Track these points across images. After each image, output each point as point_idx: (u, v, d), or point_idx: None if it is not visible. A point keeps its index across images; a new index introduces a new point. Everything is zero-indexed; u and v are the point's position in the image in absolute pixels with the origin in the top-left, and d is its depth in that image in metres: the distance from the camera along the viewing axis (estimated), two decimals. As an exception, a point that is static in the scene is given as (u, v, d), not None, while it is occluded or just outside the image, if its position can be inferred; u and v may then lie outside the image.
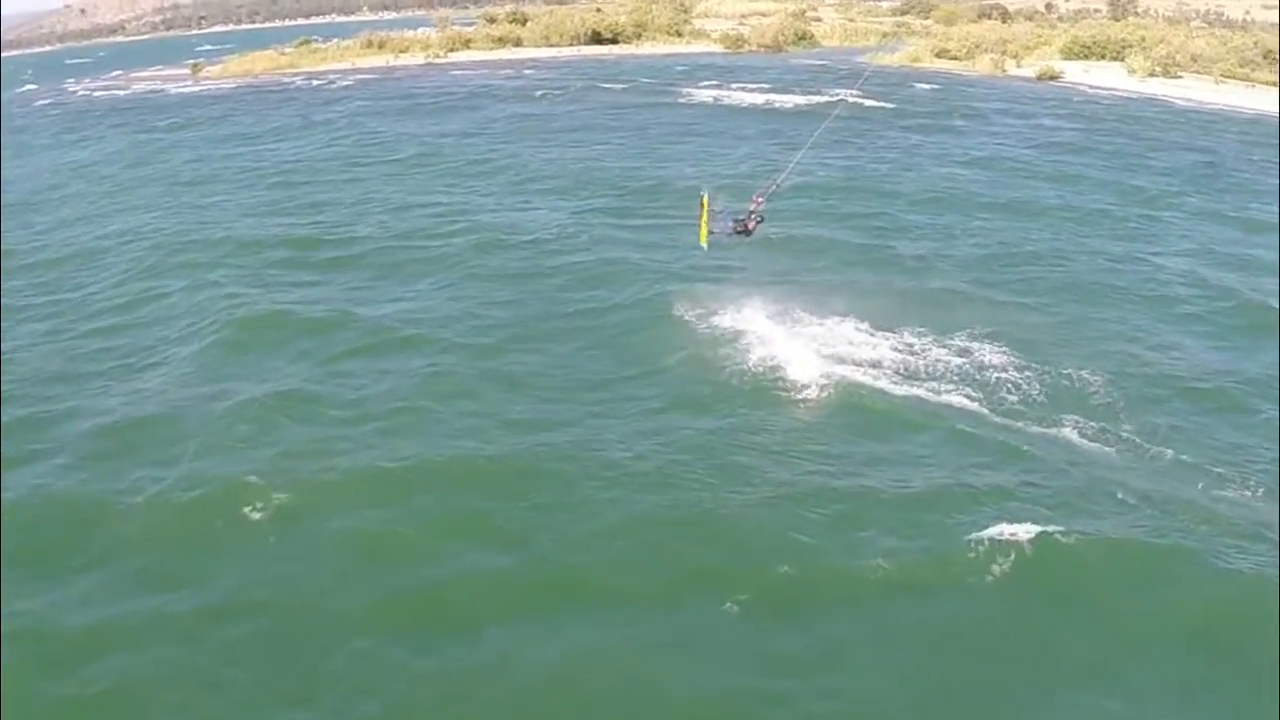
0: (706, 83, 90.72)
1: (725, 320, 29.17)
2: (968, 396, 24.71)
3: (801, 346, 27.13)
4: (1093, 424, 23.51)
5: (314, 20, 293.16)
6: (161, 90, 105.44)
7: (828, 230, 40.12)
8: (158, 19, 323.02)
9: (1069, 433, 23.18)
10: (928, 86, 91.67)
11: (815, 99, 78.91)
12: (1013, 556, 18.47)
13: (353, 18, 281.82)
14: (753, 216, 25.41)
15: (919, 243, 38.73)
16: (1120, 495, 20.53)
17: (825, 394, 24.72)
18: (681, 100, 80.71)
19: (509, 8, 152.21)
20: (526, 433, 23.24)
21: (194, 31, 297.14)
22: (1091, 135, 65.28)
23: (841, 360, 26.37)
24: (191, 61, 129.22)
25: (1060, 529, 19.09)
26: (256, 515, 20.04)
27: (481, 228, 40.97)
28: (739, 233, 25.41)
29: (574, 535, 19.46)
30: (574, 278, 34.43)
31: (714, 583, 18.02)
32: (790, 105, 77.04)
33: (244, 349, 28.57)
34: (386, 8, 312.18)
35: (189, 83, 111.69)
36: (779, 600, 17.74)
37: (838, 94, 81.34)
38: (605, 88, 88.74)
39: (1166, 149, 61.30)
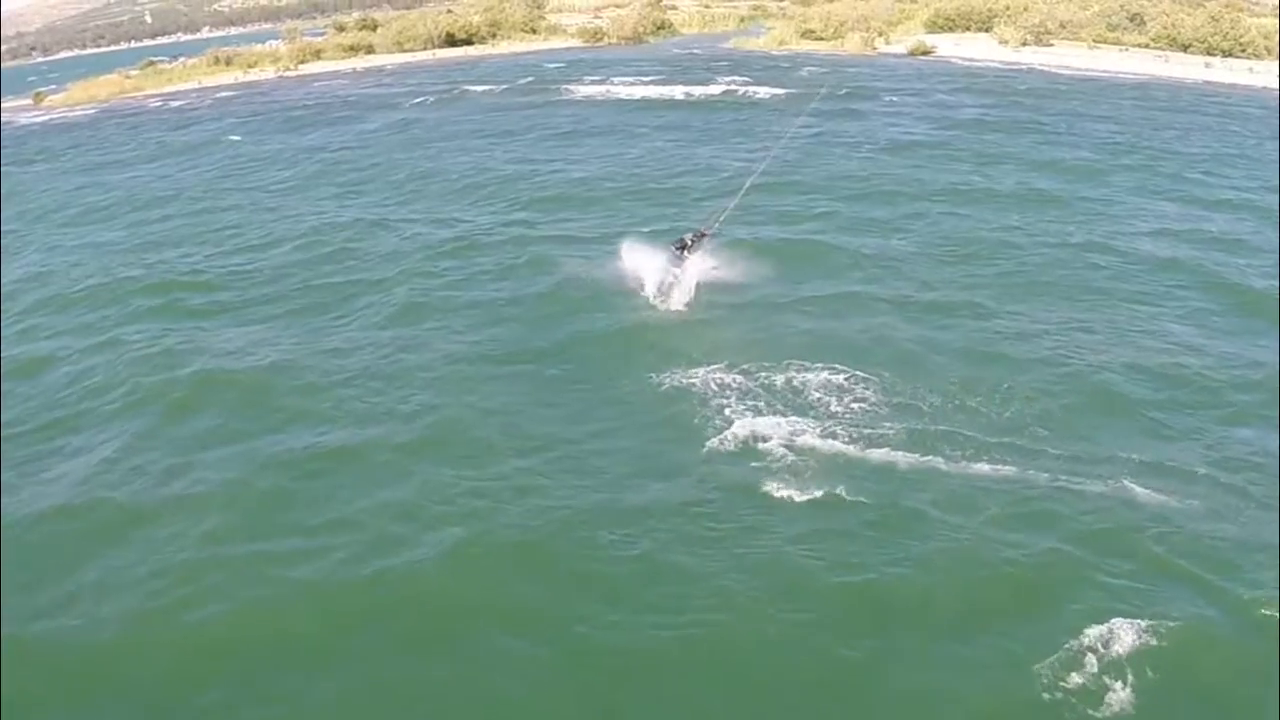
0: (588, 78, 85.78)
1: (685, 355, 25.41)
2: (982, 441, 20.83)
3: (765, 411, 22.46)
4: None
5: (160, 40, 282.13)
6: (11, 121, 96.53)
7: (763, 231, 35.84)
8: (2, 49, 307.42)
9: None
10: (805, 69, 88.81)
11: (703, 89, 75.90)
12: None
13: (198, 36, 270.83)
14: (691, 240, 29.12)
15: (861, 237, 34.95)
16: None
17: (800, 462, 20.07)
18: (565, 98, 75.68)
19: (357, 15, 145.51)
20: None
21: (39, 59, 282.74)
22: (993, 110, 63.05)
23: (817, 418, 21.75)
24: (34, 91, 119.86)
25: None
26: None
27: (403, 246, 36.38)
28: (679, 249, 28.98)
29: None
30: (515, 295, 30.50)
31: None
32: (681, 96, 73.11)
33: (177, 423, 23.22)
34: (232, 23, 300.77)
35: (38, 112, 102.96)
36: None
37: (726, 81, 79.15)
38: (480, 90, 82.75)
39: (1071, 120, 59.45)
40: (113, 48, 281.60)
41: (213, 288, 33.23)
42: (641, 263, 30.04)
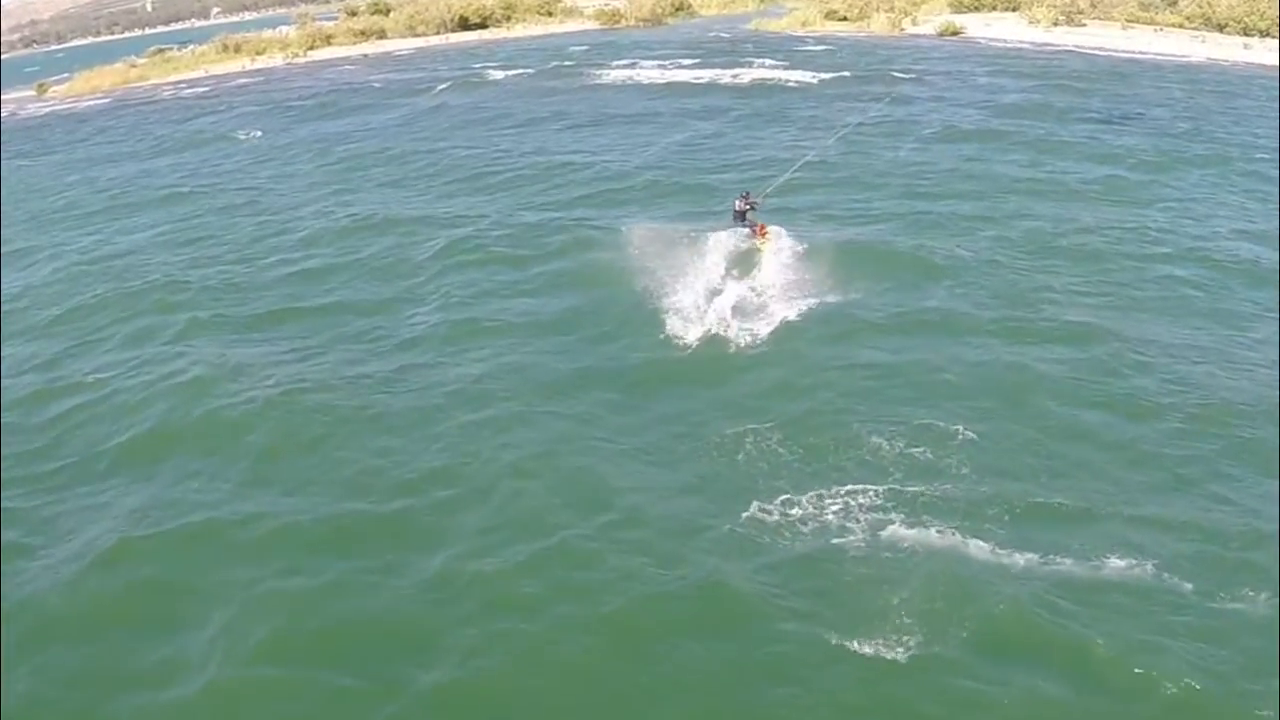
0: (612, 63, 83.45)
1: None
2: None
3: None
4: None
5: (173, 27, 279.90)
6: (12, 114, 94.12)
7: (821, 233, 32.89)
8: (15, 37, 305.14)
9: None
10: (834, 51, 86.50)
11: (731, 74, 73.45)
12: None
13: (210, 21, 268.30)
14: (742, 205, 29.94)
15: (929, 239, 32.27)
16: None
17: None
18: (591, 83, 73.55)
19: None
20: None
21: (54, 47, 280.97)
22: (1037, 94, 60.53)
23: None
24: (38, 82, 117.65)
25: None
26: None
27: (446, 248, 34.12)
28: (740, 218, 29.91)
29: None
30: (572, 309, 28.20)
31: None
32: (709, 81, 70.96)
33: (203, 464, 21.08)
34: (245, 8, 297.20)
35: (40, 104, 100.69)
36: None
37: (754, 65, 76.72)
38: (500, 75, 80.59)
39: (1122, 104, 57.12)
40: (126, 34, 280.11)
41: (244, 297, 31.18)
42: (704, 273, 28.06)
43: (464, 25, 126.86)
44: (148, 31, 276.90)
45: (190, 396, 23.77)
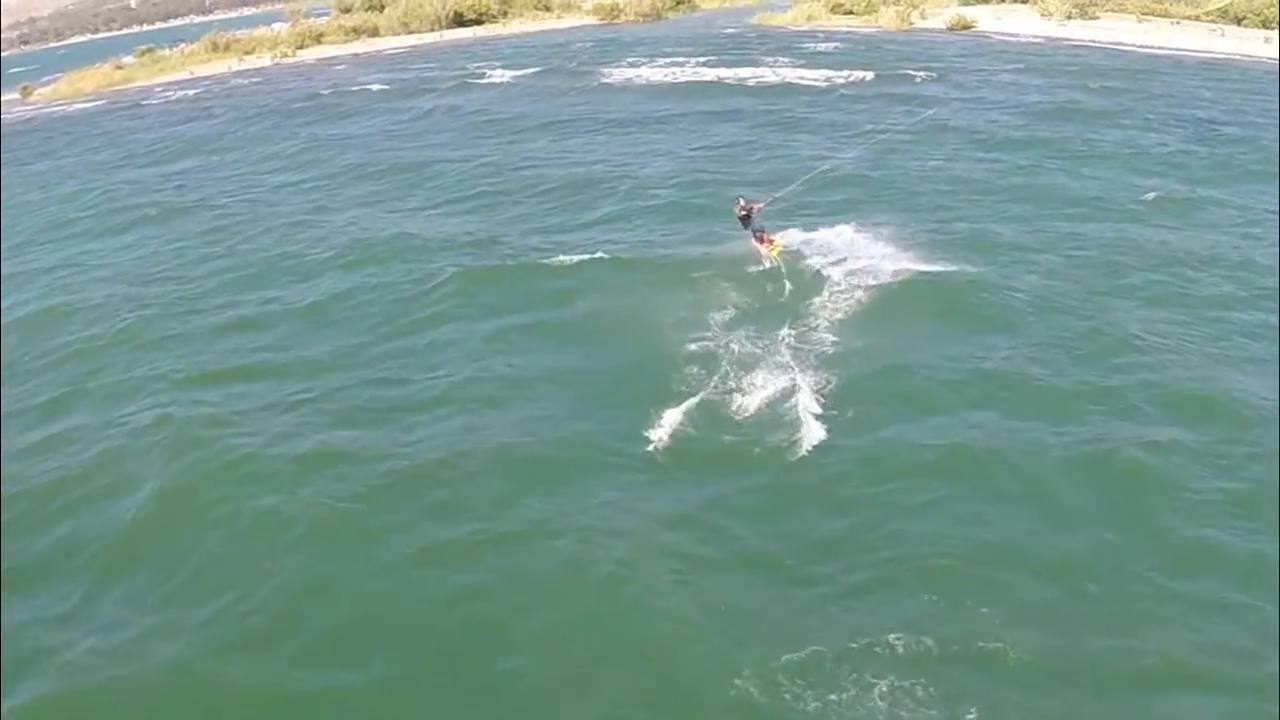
0: (614, 62, 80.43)
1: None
2: None
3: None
4: None
5: (171, 23, 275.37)
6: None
7: (861, 258, 29.79)
8: (14, 34, 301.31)
9: None
10: (844, 48, 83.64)
11: (738, 73, 70.73)
12: None
13: (209, 17, 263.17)
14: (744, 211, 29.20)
15: (984, 265, 29.04)
16: None
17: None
18: (600, 84, 70.67)
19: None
20: None
21: (53, 44, 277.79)
22: (1065, 94, 57.84)
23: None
24: (21, 85, 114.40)
25: None
26: None
27: (473, 272, 31.30)
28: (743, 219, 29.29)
29: None
30: (607, 365, 24.57)
31: None
32: (716, 79, 68.53)
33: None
34: (245, 3, 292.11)
35: (23, 108, 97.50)
36: None
37: (763, 63, 73.82)
38: (503, 76, 77.35)
39: (1156, 104, 54.46)
40: (124, 31, 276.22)
41: (239, 335, 28.40)
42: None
43: (459, 22, 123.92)
44: (145, 28, 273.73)
45: (162, 488, 20.41)
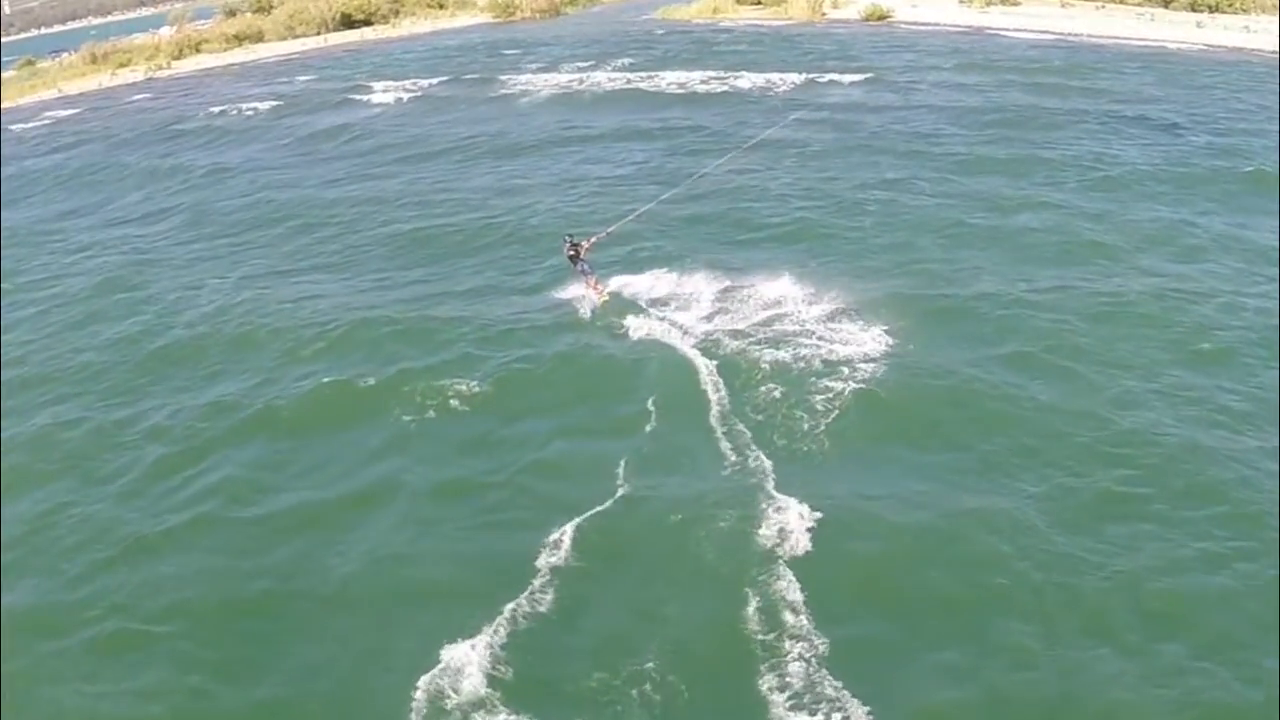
0: (516, 68, 74.16)
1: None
2: None
3: None
4: None
5: (70, 26, 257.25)
6: None
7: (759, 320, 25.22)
8: None
9: None
10: (757, 45, 77.82)
11: (665, 76, 64.79)
12: None
13: (109, 19, 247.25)
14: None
15: (965, 356, 23.63)
16: None
17: None
18: (495, 95, 64.22)
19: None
20: None
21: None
22: (1002, 93, 53.52)
23: None
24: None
25: None
26: None
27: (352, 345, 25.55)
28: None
29: None
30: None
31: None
32: (664, 88, 61.93)
33: None
34: (143, 4, 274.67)
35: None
36: None
37: (671, 65, 67.54)
38: (385, 91, 68.76)
39: (1106, 103, 50.25)
40: (21, 36, 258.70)
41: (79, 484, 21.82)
42: None
43: (347, 23, 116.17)
44: (44, 31, 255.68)
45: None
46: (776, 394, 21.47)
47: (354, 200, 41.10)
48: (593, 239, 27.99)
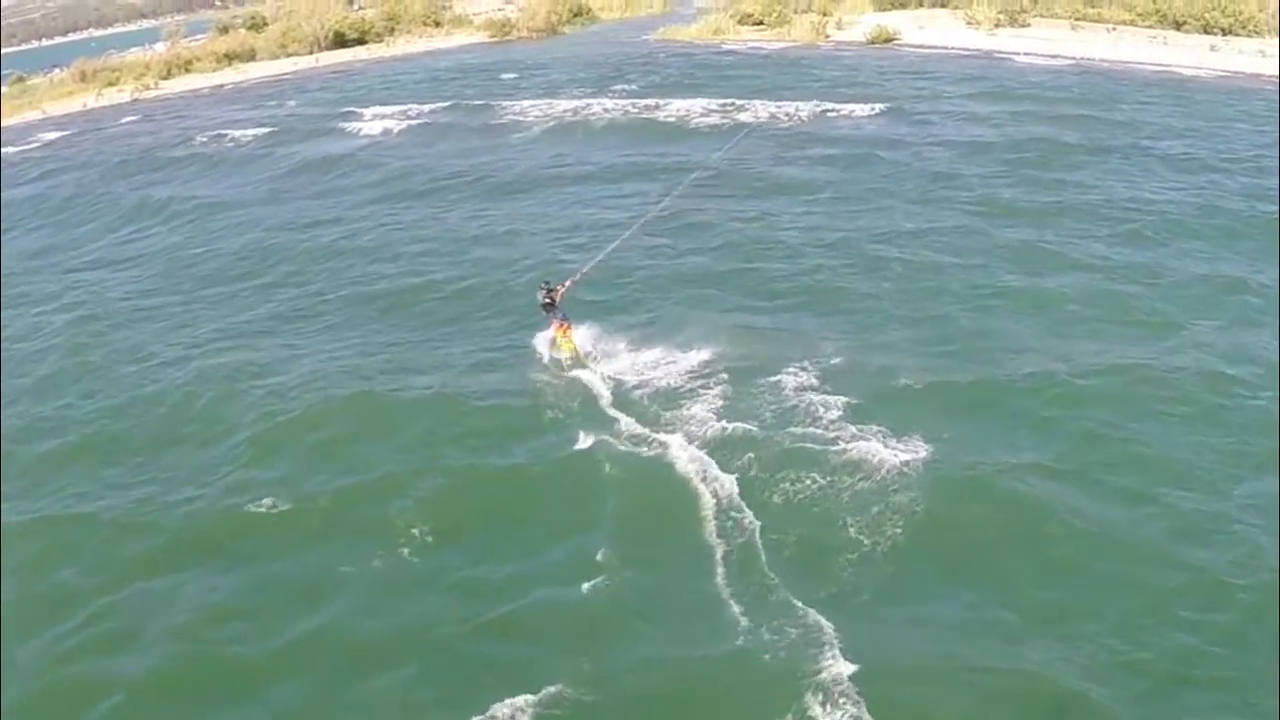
0: (527, 88, 71.84)
1: None
2: None
3: None
4: None
5: (71, 37, 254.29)
6: None
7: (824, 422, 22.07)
8: None
9: None
10: (763, 70, 75.02)
11: (669, 104, 61.59)
12: None
13: (109, 31, 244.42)
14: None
15: (994, 479, 21.27)
16: None
17: None
18: (502, 123, 61.51)
19: (249, 9, 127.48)
20: None
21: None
22: (1017, 125, 50.95)
23: None
24: None
25: None
26: None
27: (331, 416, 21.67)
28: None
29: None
30: None
31: None
32: (667, 118, 58.97)
33: None
34: (144, 15, 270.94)
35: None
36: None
37: (673, 90, 64.60)
38: (375, 120, 65.70)
39: (1125, 136, 47.74)
40: (22, 47, 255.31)
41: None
42: None
43: (339, 42, 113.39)
44: (44, 43, 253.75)
45: None
46: (789, 519, 18.72)
47: (327, 252, 38.14)
48: (568, 282, 26.33)
